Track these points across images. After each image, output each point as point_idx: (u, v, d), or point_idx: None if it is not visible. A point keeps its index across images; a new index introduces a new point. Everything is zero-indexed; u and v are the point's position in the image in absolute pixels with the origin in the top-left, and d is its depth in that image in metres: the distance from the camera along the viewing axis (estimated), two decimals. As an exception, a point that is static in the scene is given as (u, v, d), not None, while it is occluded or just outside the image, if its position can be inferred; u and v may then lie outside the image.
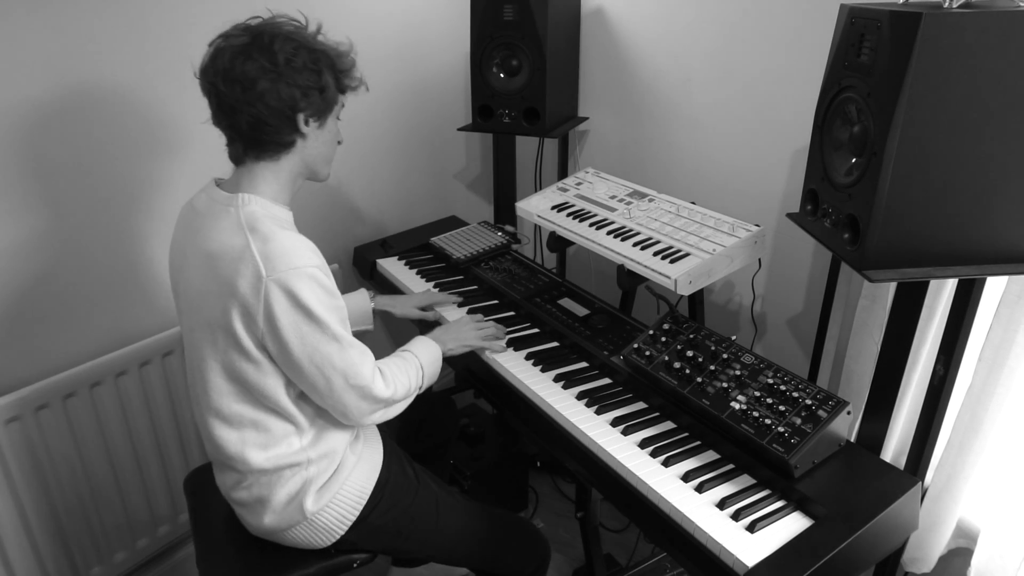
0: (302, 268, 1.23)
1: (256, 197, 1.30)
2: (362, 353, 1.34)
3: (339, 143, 1.42)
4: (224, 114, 1.26)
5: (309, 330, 1.25)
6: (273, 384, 1.31)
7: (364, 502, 1.44)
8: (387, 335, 2.55)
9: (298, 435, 1.37)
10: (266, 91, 1.23)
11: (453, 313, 1.86)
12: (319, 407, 1.37)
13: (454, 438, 2.14)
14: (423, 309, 1.88)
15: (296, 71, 1.24)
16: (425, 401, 1.51)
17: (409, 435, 1.83)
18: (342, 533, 1.43)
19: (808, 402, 1.32)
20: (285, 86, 1.24)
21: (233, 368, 1.30)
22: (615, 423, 1.46)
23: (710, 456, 1.39)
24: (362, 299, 1.80)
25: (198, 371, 1.34)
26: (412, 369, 1.47)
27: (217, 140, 1.32)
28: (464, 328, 1.67)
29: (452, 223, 2.39)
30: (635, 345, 1.57)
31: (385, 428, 1.56)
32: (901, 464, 1.56)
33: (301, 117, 1.29)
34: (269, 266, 1.21)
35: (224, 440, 1.35)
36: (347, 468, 1.43)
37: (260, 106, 1.23)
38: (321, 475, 1.39)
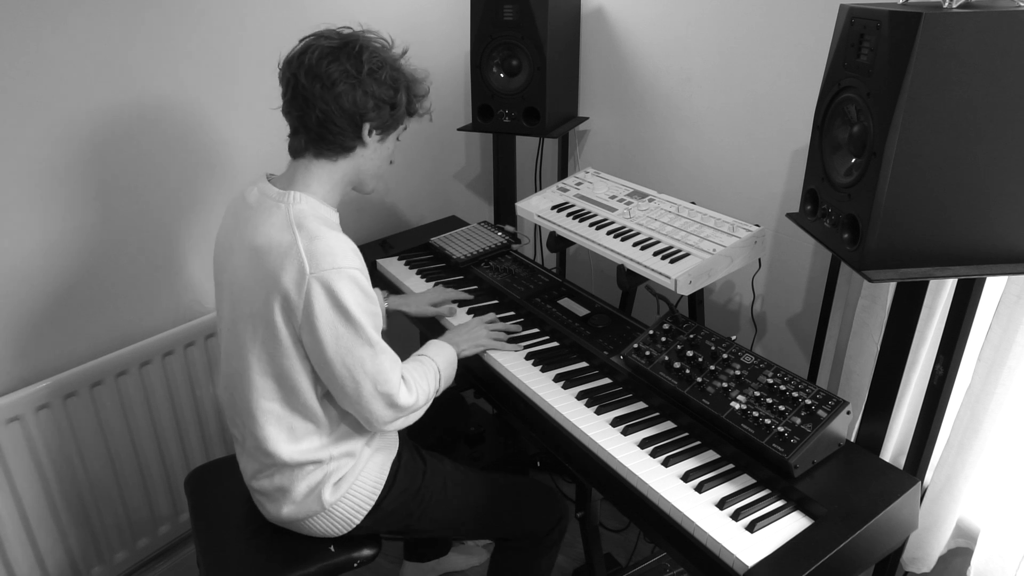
0: (345, 269, 1.26)
1: (306, 196, 1.33)
2: (393, 361, 1.37)
3: (391, 163, 1.47)
4: (297, 105, 1.32)
5: (345, 331, 1.28)
6: (304, 380, 1.34)
7: (379, 491, 1.47)
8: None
9: (319, 435, 1.40)
10: (343, 93, 1.29)
11: (458, 316, 1.86)
12: (342, 410, 1.40)
13: (462, 438, 2.14)
14: (436, 305, 1.88)
15: (376, 82, 1.31)
16: (436, 400, 1.52)
17: (416, 433, 1.83)
18: (358, 521, 1.47)
19: (808, 402, 1.32)
20: (362, 93, 1.30)
21: (271, 362, 1.33)
22: (615, 423, 1.46)
23: (710, 456, 1.39)
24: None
25: (238, 364, 1.37)
26: (431, 374, 1.50)
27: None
28: (476, 329, 1.69)
29: (452, 223, 2.39)
30: (635, 345, 1.57)
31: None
32: (901, 464, 1.56)
33: (367, 127, 1.34)
34: (313, 263, 1.25)
35: (252, 432, 1.39)
36: (363, 460, 1.46)
37: (334, 105, 1.29)
38: (340, 470, 1.43)
